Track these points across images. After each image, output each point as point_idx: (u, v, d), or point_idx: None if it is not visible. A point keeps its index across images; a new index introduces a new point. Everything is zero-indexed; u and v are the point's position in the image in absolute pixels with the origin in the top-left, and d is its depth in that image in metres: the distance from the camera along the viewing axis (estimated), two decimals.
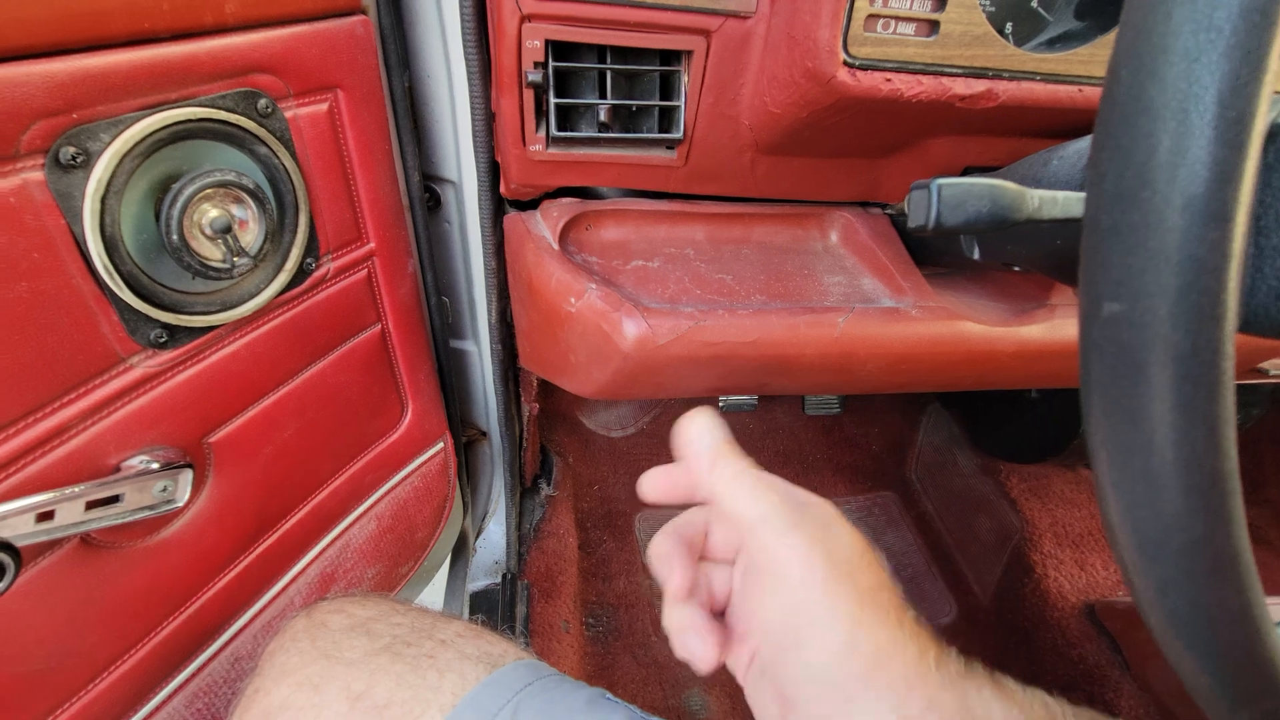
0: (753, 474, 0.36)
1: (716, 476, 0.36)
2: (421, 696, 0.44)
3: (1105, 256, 0.21)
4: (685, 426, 0.38)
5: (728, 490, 0.35)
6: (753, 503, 0.34)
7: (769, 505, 0.34)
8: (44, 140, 0.36)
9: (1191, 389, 0.20)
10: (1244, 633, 0.23)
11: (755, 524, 0.34)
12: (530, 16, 0.50)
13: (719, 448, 0.37)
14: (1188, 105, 0.19)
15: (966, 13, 0.47)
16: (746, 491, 0.35)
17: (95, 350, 0.42)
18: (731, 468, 0.36)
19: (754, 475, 0.36)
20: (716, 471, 0.36)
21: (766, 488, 0.35)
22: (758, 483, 0.35)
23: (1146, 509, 0.22)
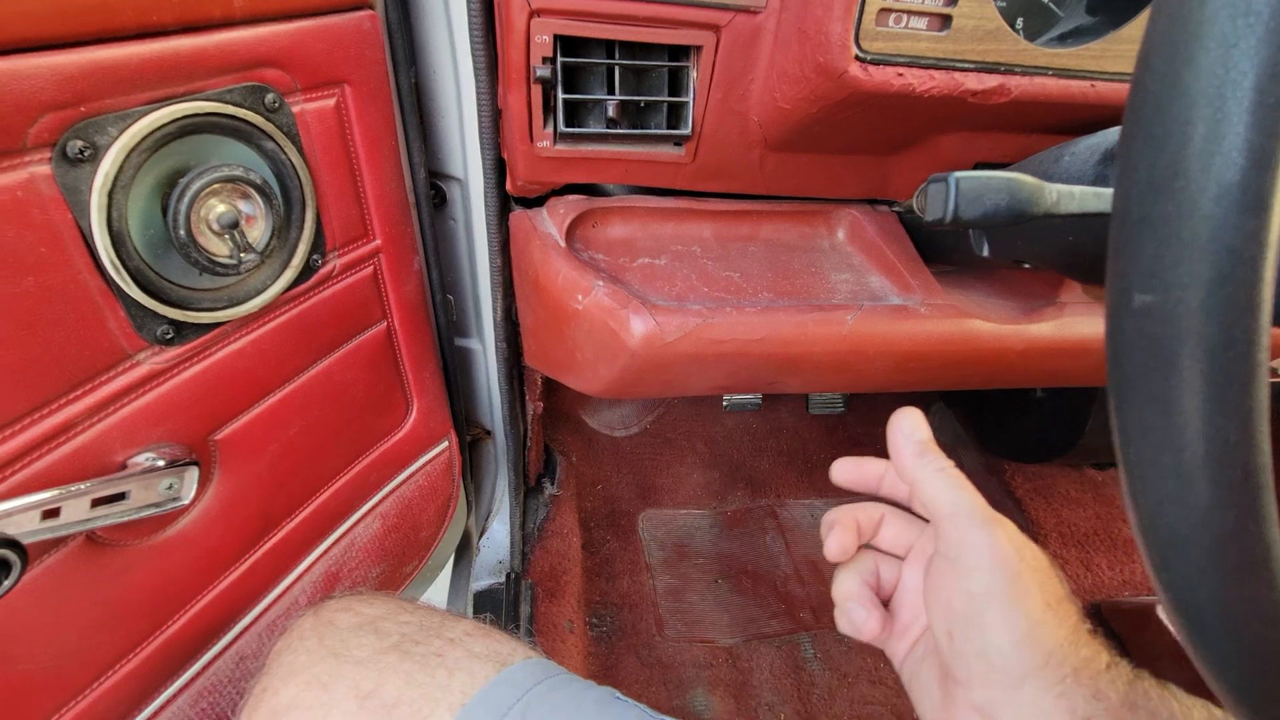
0: (956, 471, 0.38)
1: (923, 466, 0.38)
2: (430, 695, 0.43)
3: (1136, 247, 0.20)
4: (898, 420, 0.41)
5: (931, 480, 0.38)
6: (955, 495, 0.37)
7: (970, 499, 0.37)
8: (51, 134, 0.36)
9: (1225, 381, 0.19)
10: (1274, 630, 0.22)
11: (955, 514, 0.36)
12: (539, 11, 0.49)
13: (927, 443, 0.40)
14: (1224, 92, 0.18)
15: (979, 7, 0.47)
16: (949, 485, 0.37)
17: (102, 346, 0.41)
18: (937, 462, 0.38)
19: (957, 472, 0.38)
20: (924, 462, 0.38)
21: (967, 485, 0.38)
22: (960, 479, 0.38)
23: (1175, 504, 0.21)
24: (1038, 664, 0.33)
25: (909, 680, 0.41)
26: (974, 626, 0.34)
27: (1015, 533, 0.37)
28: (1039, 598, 0.34)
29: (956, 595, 0.35)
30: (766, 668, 1.08)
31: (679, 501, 1.31)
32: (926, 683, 0.39)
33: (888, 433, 0.41)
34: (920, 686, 0.40)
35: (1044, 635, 0.33)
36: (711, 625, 1.13)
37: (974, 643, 0.34)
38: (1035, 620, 0.33)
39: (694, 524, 1.28)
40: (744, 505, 1.32)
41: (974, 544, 0.35)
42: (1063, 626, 0.34)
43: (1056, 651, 0.33)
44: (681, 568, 1.21)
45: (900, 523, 0.44)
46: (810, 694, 1.06)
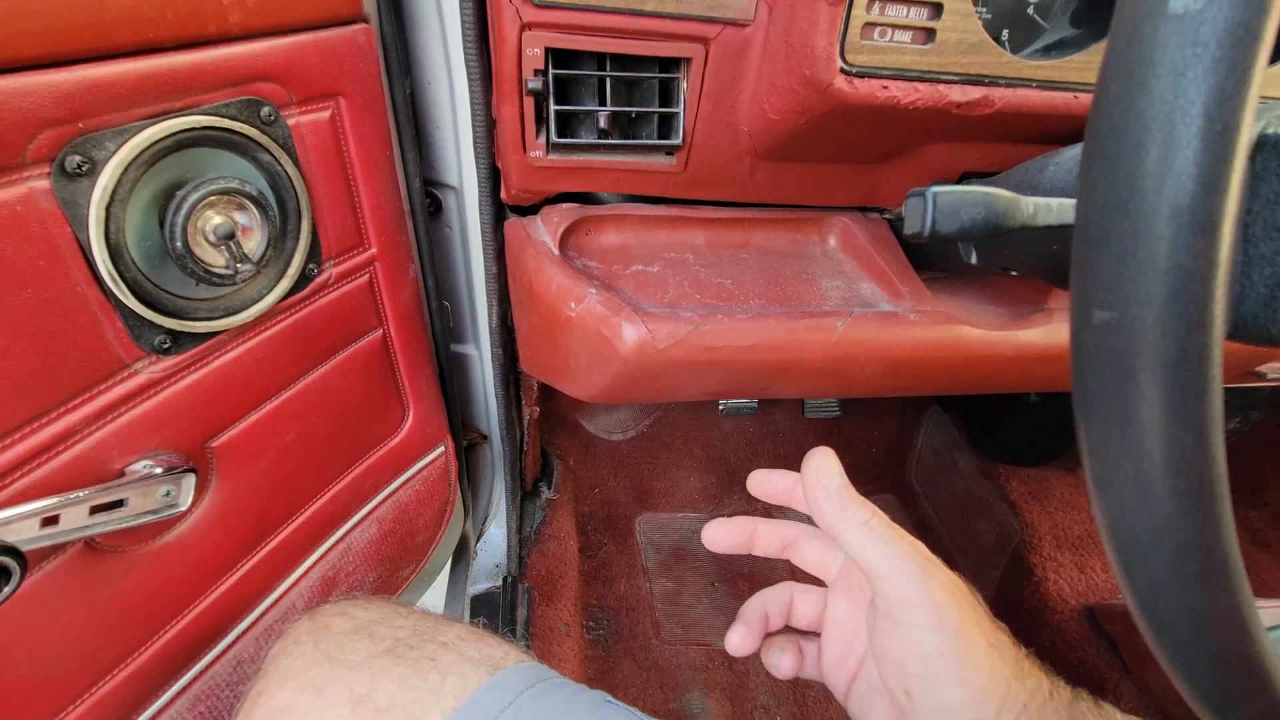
0: (880, 521, 0.38)
1: (846, 520, 0.38)
2: (423, 699, 0.44)
3: (1095, 264, 0.21)
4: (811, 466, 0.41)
5: (859, 537, 0.38)
6: (885, 550, 0.37)
7: (900, 552, 0.37)
8: (50, 149, 0.36)
9: (1180, 395, 0.20)
10: (1235, 635, 0.23)
11: (891, 575, 0.36)
12: (530, 24, 0.50)
13: (845, 491, 0.39)
14: (1174, 117, 0.19)
15: (963, 20, 0.47)
16: (878, 540, 0.37)
17: (100, 356, 0.42)
18: (860, 514, 0.38)
19: (882, 523, 0.38)
20: (847, 515, 0.38)
21: (895, 537, 0.38)
22: (886, 528, 0.38)
23: (1137, 513, 0.22)
24: (994, 710, 0.34)
25: (858, 715, 0.42)
26: (930, 686, 0.35)
27: (945, 575, 0.37)
28: (982, 642, 0.36)
29: (908, 657, 0.36)
30: (763, 671, 1.09)
31: (676, 505, 1.31)
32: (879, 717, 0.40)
33: (802, 479, 0.41)
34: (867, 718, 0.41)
35: (996, 682, 0.35)
36: (708, 628, 1.14)
37: (932, 700, 0.35)
38: (985, 669, 0.35)
39: (691, 527, 1.29)
40: (740, 509, 1.32)
41: (914, 602, 0.36)
42: (1007, 664, 0.36)
43: (1009, 694, 0.35)
44: (678, 571, 1.22)
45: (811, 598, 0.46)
46: (806, 696, 1.06)
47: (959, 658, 0.35)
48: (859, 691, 0.42)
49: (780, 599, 0.46)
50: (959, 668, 0.35)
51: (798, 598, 0.46)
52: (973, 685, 0.34)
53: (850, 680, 0.42)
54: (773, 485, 0.46)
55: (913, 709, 0.36)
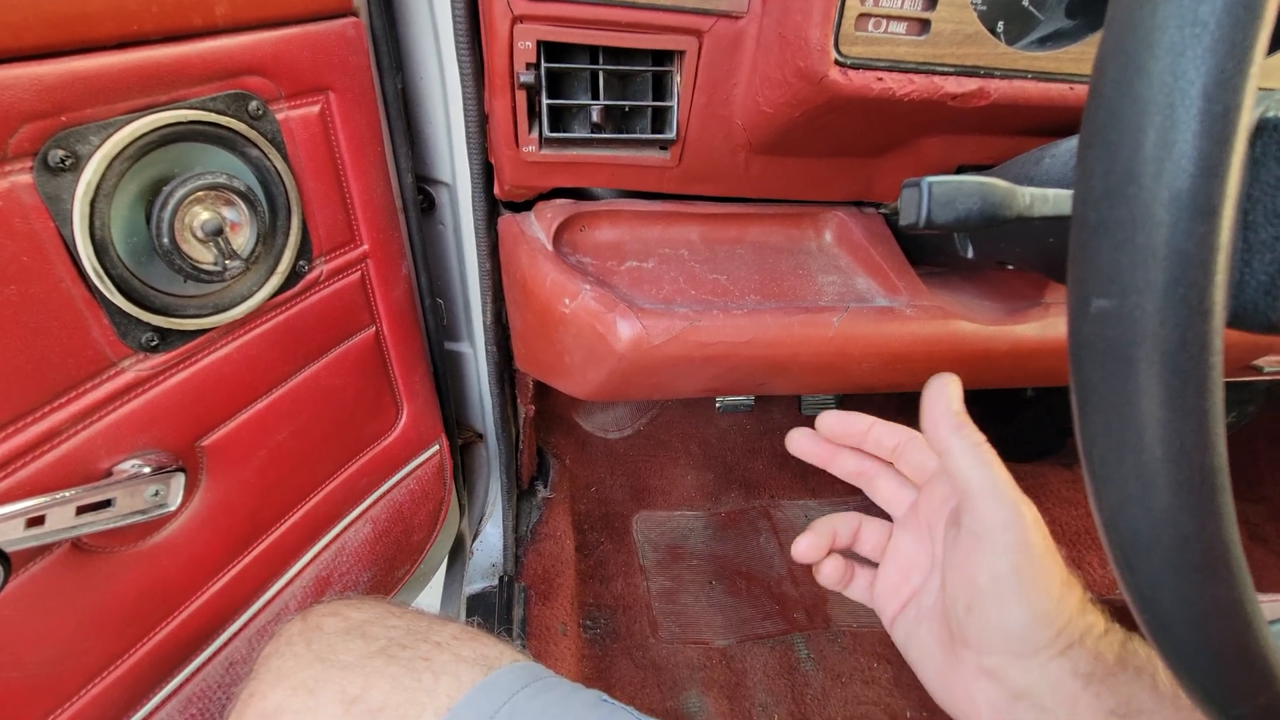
0: (988, 447, 0.40)
1: (959, 439, 0.39)
2: (416, 699, 0.43)
3: (1093, 253, 0.21)
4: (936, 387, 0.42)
5: (966, 455, 0.39)
6: (987, 473, 0.38)
7: (1001, 478, 0.38)
8: (32, 143, 0.36)
9: (1180, 384, 0.20)
10: (1236, 628, 0.23)
11: (986, 493, 0.38)
12: (521, 18, 0.50)
13: (962, 415, 0.41)
14: (1173, 100, 0.19)
15: (958, 11, 0.47)
16: (982, 462, 0.38)
17: (86, 354, 0.41)
18: (972, 436, 0.39)
19: (989, 448, 0.40)
20: (960, 435, 0.39)
21: (998, 462, 0.39)
22: (992, 456, 0.39)
23: (1137, 506, 0.22)
24: (1051, 636, 0.36)
25: (904, 640, 0.44)
26: (996, 603, 0.36)
27: (1034, 509, 0.38)
28: (1057, 575, 0.37)
29: (981, 572, 0.37)
30: (760, 669, 1.08)
31: (673, 503, 1.31)
32: (925, 644, 0.42)
33: (923, 398, 0.42)
34: (919, 647, 0.43)
35: (1059, 612, 0.36)
36: (705, 627, 1.14)
37: (994, 617, 0.37)
38: (1053, 598, 0.36)
39: (688, 525, 1.28)
40: (738, 506, 1.32)
41: (1003, 523, 0.37)
42: (1073, 601, 0.37)
43: (1067, 625, 0.36)
44: (675, 569, 1.22)
45: (876, 528, 0.48)
46: (804, 695, 1.06)
47: (1032, 581, 0.36)
48: (907, 616, 0.44)
49: (849, 524, 0.48)
50: (1028, 591, 0.36)
51: (864, 525, 0.48)
52: (1036, 609, 0.35)
53: (901, 607, 0.44)
54: (849, 426, 0.48)
55: (970, 622, 0.37)
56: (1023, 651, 0.36)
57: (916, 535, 0.45)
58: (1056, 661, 0.36)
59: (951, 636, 0.40)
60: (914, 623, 0.43)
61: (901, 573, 0.45)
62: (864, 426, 0.48)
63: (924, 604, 0.43)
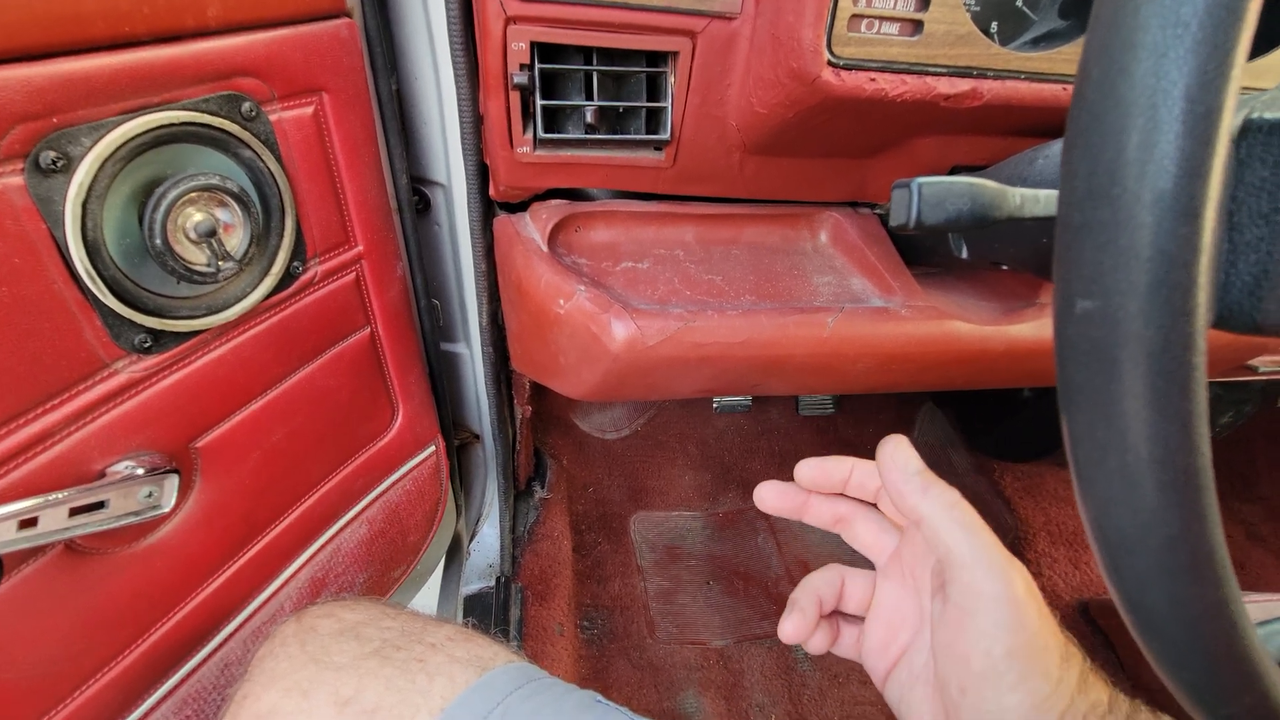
0: (966, 508, 0.37)
1: (930, 503, 0.36)
2: (410, 700, 0.43)
3: (1077, 254, 0.21)
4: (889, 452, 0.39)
5: (943, 522, 0.36)
6: (969, 540, 0.35)
7: (985, 543, 0.35)
8: (24, 145, 0.36)
9: (1164, 385, 0.20)
10: (1223, 628, 0.23)
11: (973, 565, 0.35)
12: (515, 19, 0.50)
13: (926, 474, 0.38)
14: (1156, 101, 0.19)
15: (950, 12, 0.47)
16: (963, 528, 0.35)
17: (78, 355, 0.41)
18: (945, 497, 0.36)
19: (967, 510, 0.37)
20: (931, 497, 0.37)
21: (980, 526, 0.36)
22: (973, 518, 0.36)
23: (1122, 506, 0.22)
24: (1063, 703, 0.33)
25: (898, 703, 0.40)
26: (991, 689, 0.33)
27: (1026, 575, 0.36)
28: (1056, 652, 0.34)
29: (975, 654, 0.34)
30: (758, 669, 1.08)
31: (670, 504, 1.31)
32: (920, 711, 0.38)
33: (880, 466, 0.39)
34: (912, 714, 0.39)
35: (1059, 695, 0.33)
36: (703, 627, 1.14)
37: (990, 704, 0.33)
38: (1053, 680, 0.33)
39: (685, 526, 1.28)
40: (735, 507, 1.32)
41: (994, 598, 0.34)
42: (1073, 678, 0.34)
43: (1069, 707, 0.33)
44: (673, 570, 1.22)
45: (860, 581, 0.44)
46: (801, 695, 1.06)
47: (1029, 662, 0.33)
48: (899, 678, 0.40)
49: (831, 583, 0.44)
50: (1026, 673, 0.33)
51: (848, 581, 0.44)
52: (1037, 694, 0.33)
53: (891, 666, 0.41)
54: (830, 475, 0.45)
55: (964, 706, 0.34)
56: None
57: (901, 586, 0.42)
58: None
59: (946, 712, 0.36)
60: (907, 686, 0.40)
61: (889, 629, 0.42)
62: (844, 473, 0.45)
63: (915, 665, 0.40)
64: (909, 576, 0.42)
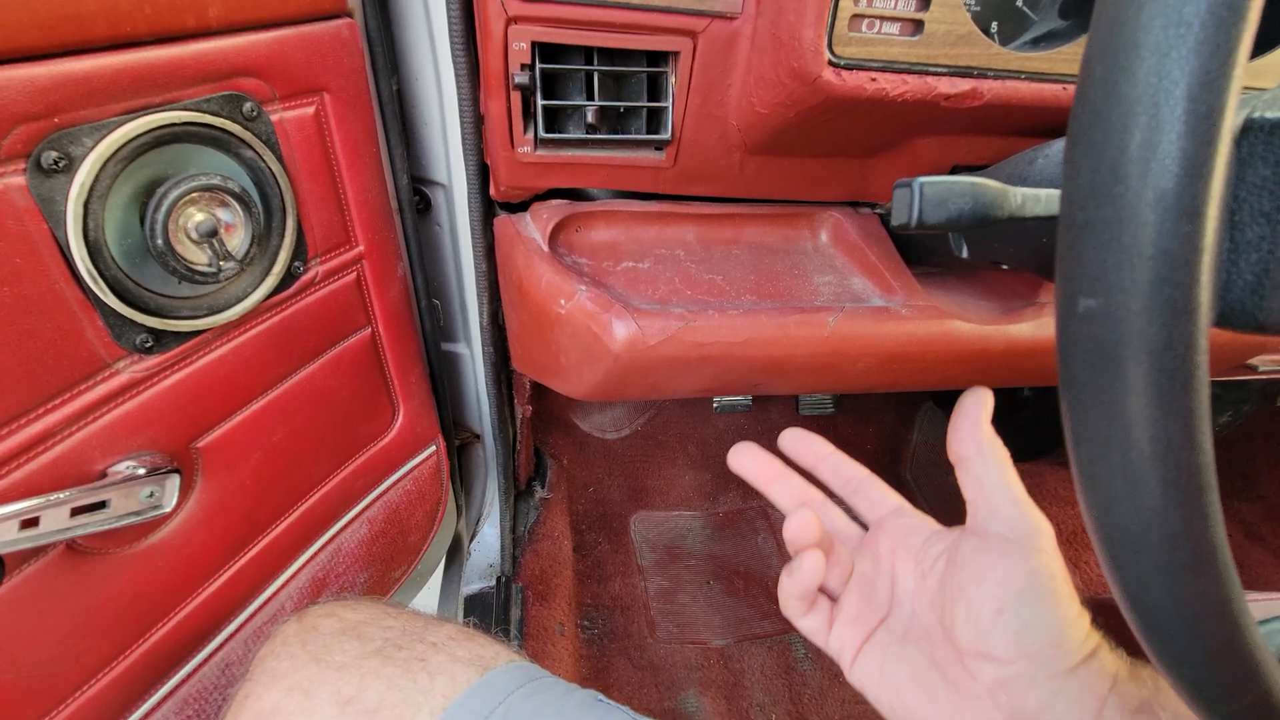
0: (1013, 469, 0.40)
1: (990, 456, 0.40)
2: (412, 700, 0.43)
3: (1080, 252, 0.21)
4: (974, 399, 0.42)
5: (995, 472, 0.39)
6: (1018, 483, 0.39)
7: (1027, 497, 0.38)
8: (25, 145, 0.36)
9: (1166, 383, 0.20)
10: (1224, 626, 0.23)
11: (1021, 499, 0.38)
12: (516, 19, 0.50)
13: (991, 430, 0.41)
14: (1158, 100, 0.19)
15: (951, 12, 0.47)
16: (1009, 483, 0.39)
17: (80, 355, 0.41)
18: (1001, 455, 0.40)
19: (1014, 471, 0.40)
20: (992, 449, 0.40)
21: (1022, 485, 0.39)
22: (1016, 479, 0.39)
23: (1125, 504, 0.22)
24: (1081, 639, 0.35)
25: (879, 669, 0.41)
26: (1034, 602, 0.36)
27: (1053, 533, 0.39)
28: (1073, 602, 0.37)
29: (1018, 572, 0.36)
30: (758, 668, 1.09)
31: (671, 503, 1.31)
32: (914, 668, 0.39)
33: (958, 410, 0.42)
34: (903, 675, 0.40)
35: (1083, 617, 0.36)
36: (703, 626, 1.14)
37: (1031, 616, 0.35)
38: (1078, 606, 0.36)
39: (686, 526, 1.28)
40: (735, 506, 1.32)
41: (1035, 530, 0.37)
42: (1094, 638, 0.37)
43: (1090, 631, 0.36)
44: (673, 569, 1.22)
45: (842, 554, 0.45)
46: (802, 694, 1.06)
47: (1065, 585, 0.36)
48: (877, 643, 0.41)
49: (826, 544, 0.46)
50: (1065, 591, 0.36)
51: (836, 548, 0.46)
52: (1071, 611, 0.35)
53: (866, 636, 0.42)
54: (810, 446, 0.48)
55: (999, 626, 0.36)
56: (1055, 655, 0.35)
57: (874, 569, 0.44)
58: (1085, 664, 0.35)
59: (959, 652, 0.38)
60: (894, 646, 0.41)
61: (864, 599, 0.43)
62: (825, 451, 0.47)
63: (897, 630, 0.41)
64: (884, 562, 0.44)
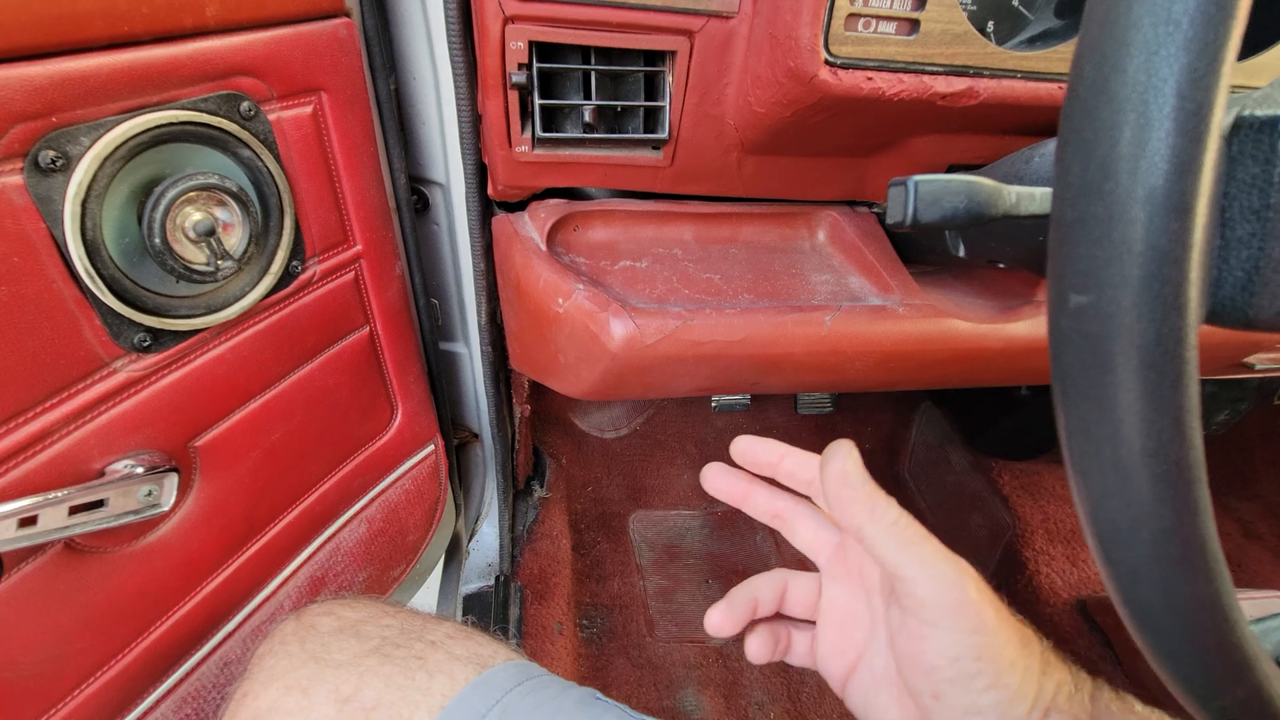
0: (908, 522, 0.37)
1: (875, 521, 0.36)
2: (410, 698, 0.43)
3: (1071, 249, 0.21)
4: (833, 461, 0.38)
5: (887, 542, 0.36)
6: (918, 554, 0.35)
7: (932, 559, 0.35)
8: (23, 144, 0.36)
9: (1156, 379, 0.20)
10: (1214, 621, 0.23)
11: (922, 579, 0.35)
12: (513, 18, 0.50)
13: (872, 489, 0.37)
14: (1147, 98, 0.19)
15: (947, 11, 0.47)
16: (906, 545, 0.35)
17: (78, 354, 0.41)
18: (889, 514, 0.36)
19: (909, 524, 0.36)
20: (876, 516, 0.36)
21: (924, 538, 0.36)
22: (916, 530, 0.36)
23: (1116, 499, 0.22)
24: (1026, 709, 0.33)
25: (862, 708, 0.40)
26: (963, 689, 0.34)
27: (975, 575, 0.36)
28: (1015, 642, 0.35)
29: (941, 661, 0.34)
30: (757, 667, 1.09)
31: (669, 502, 1.31)
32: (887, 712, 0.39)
33: (823, 476, 0.38)
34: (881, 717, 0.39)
35: (1028, 682, 0.34)
36: (702, 625, 1.14)
37: (965, 703, 0.34)
38: (1020, 669, 0.34)
39: (684, 525, 1.28)
40: (734, 506, 1.32)
41: (950, 607, 0.34)
42: (1036, 662, 0.35)
43: (1039, 692, 0.34)
44: (672, 569, 1.22)
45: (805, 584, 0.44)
46: (800, 693, 1.06)
47: (998, 660, 0.33)
48: (860, 682, 0.40)
49: (773, 584, 0.44)
50: (995, 670, 0.33)
51: (791, 583, 0.44)
52: (1008, 687, 0.33)
53: (849, 669, 0.41)
54: (757, 455, 0.44)
55: (939, 710, 0.35)
56: None
57: (848, 586, 0.42)
58: None
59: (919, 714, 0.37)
60: (871, 691, 0.40)
61: (841, 631, 0.41)
62: (774, 457, 0.44)
63: (875, 668, 0.40)
64: (855, 575, 0.42)
